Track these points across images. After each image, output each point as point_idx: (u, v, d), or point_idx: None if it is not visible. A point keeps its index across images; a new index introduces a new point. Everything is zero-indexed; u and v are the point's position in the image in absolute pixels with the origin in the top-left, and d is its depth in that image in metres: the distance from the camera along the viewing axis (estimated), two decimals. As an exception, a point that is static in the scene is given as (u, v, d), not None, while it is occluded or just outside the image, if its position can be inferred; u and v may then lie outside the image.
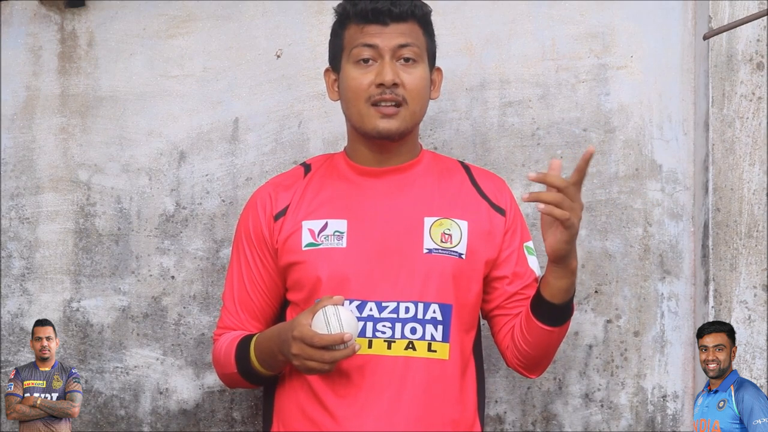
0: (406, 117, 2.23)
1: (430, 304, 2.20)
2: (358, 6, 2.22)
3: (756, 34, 2.90)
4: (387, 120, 2.22)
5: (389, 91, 2.20)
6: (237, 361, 2.26)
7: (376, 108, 2.21)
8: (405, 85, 2.21)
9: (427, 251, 2.23)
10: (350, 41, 2.24)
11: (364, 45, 2.21)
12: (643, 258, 2.96)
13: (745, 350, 2.91)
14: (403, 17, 2.21)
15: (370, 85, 2.21)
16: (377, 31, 2.21)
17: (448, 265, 2.23)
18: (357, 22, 2.22)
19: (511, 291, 2.31)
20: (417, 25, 2.24)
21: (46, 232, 3.04)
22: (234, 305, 2.35)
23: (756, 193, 2.90)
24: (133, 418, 3.01)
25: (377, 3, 2.20)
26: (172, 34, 3.05)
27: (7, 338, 3.06)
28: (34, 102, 3.07)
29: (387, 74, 2.19)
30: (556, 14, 2.99)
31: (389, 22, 2.21)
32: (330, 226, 2.25)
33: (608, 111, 2.98)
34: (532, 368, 2.33)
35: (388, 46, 2.21)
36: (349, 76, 2.23)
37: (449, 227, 2.26)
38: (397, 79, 2.20)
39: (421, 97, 2.25)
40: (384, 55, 2.21)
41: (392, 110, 2.21)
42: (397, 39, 2.21)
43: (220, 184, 3.01)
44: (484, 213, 2.30)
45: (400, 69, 2.22)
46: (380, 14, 2.20)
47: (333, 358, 2.06)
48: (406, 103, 2.22)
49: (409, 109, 2.23)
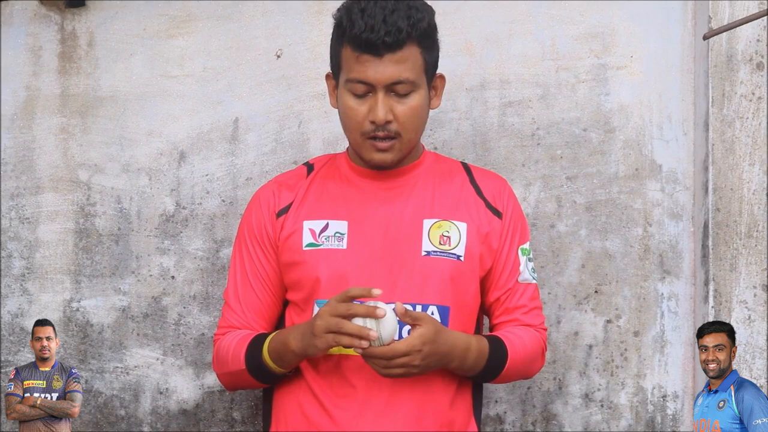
0: (401, 148, 2.23)
1: (428, 306, 2.20)
2: (353, 30, 2.14)
3: (756, 34, 2.90)
4: (382, 153, 2.22)
5: (382, 128, 2.19)
6: (247, 356, 2.24)
7: (371, 141, 2.21)
8: (398, 119, 2.19)
9: (425, 253, 2.23)
10: (346, 67, 2.19)
11: (358, 81, 2.17)
12: (643, 258, 2.96)
13: (745, 350, 2.91)
14: (399, 45, 2.15)
15: (365, 119, 2.19)
16: (371, 61, 2.15)
17: (447, 268, 2.23)
18: (352, 47, 2.17)
19: (495, 296, 2.32)
20: (415, 45, 2.17)
21: (46, 232, 3.04)
22: (239, 303, 2.33)
23: (756, 193, 2.90)
24: (133, 418, 3.01)
25: (371, 33, 2.12)
26: (172, 34, 3.05)
27: (7, 338, 3.06)
28: (34, 102, 3.07)
29: (379, 113, 2.16)
30: (556, 14, 2.99)
31: (384, 53, 2.15)
32: (331, 227, 2.25)
33: (608, 111, 2.98)
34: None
35: (381, 82, 2.16)
36: (345, 105, 2.22)
37: (448, 229, 2.26)
38: (390, 116, 2.17)
39: (415, 126, 2.23)
40: (377, 91, 2.17)
41: (386, 144, 2.21)
42: (390, 73, 2.15)
43: (220, 184, 3.01)
44: (482, 215, 2.30)
45: (394, 100, 2.18)
46: (373, 46, 2.14)
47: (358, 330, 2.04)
48: (400, 135, 2.21)
49: (404, 140, 2.22)
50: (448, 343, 2.14)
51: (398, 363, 2.07)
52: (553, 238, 2.95)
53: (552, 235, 2.95)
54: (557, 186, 2.96)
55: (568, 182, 2.96)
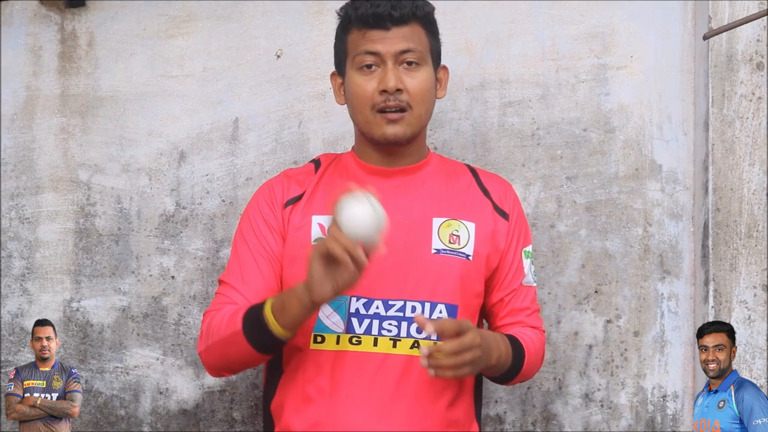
0: (411, 121, 2.24)
1: (437, 304, 2.20)
2: (359, 10, 2.22)
3: (756, 34, 2.90)
4: (393, 126, 2.22)
5: (393, 97, 2.20)
6: (246, 316, 2.13)
7: (381, 115, 2.22)
8: (408, 90, 2.21)
9: (435, 251, 2.23)
10: (353, 47, 2.24)
11: (367, 52, 2.21)
12: (643, 258, 2.96)
13: (745, 350, 2.91)
14: (405, 20, 2.21)
15: (374, 92, 2.21)
16: (379, 36, 2.21)
17: (456, 266, 2.23)
18: (359, 26, 2.22)
19: (499, 296, 2.32)
20: (419, 26, 2.24)
21: (46, 232, 3.04)
22: (241, 282, 2.21)
23: (756, 193, 2.90)
24: (133, 418, 3.01)
25: (378, 8, 2.20)
26: (172, 34, 3.05)
27: (7, 338, 3.06)
28: (34, 102, 3.07)
29: (390, 81, 2.20)
30: (556, 14, 2.99)
31: (390, 27, 2.21)
32: (340, 222, 2.24)
33: (608, 111, 2.98)
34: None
35: (390, 52, 2.21)
36: (353, 83, 2.24)
37: (457, 228, 2.26)
38: (400, 84, 2.20)
39: (426, 100, 2.25)
40: (386, 61, 2.21)
41: (397, 116, 2.22)
42: (399, 44, 2.21)
43: (220, 184, 3.01)
44: (489, 215, 2.31)
45: (403, 73, 2.21)
46: (381, 19, 2.20)
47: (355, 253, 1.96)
48: (411, 107, 2.22)
49: (414, 113, 2.23)
50: (485, 332, 2.14)
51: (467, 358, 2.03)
52: (553, 238, 2.95)
53: (552, 235, 2.95)
54: (557, 186, 2.96)
55: (568, 182, 2.96)
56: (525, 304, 2.33)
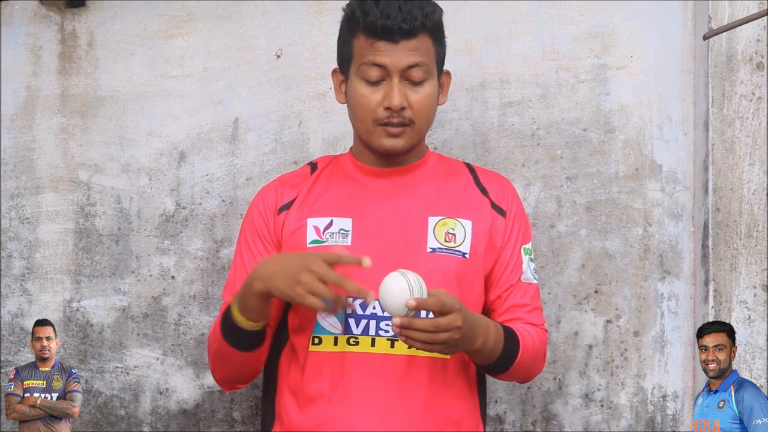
0: (412, 135, 2.24)
1: None
2: (369, 18, 2.18)
3: (756, 34, 2.90)
4: (393, 139, 2.22)
5: (396, 114, 2.20)
6: (222, 321, 2.18)
7: (383, 128, 2.22)
8: (412, 106, 2.21)
9: (430, 250, 2.23)
10: (359, 54, 2.22)
11: (373, 64, 2.20)
12: (643, 258, 2.96)
13: (745, 350, 2.91)
14: (414, 33, 2.19)
15: (378, 105, 2.20)
16: (386, 48, 2.19)
17: (452, 265, 2.23)
18: (366, 35, 2.20)
19: (497, 293, 2.32)
20: (428, 36, 2.21)
21: (46, 232, 3.04)
22: (233, 296, 2.29)
23: (756, 193, 2.90)
24: (133, 418, 3.00)
25: (387, 20, 2.17)
26: (172, 34, 3.05)
27: (7, 338, 3.06)
28: (34, 102, 3.07)
29: (394, 99, 2.18)
30: (556, 14, 2.99)
31: (399, 40, 2.18)
32: (335, 224, 2.25)
33: (608, 111, 2.98)
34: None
35: (397, 67, 2.19)
36: (357, 93, 2.23)
37: (453, 227, 2.26)
38: (405, 102, 2.20)
39: (428, 114, 2.25)
40: (392, 76, 2.19)
41: (398, 130, 2.21)
42: (406, 59, 2.19)
43: (220, 184, 3.01)
44: (486, 213, 2.30)
45: (407, 89, 2.20)
46: (390, 32, 2.18)
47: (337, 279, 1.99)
48: (413, 122, 2.22)
49: (416, 128, 2.23)
50: (472, 316, 2.14)
51: (440, 338, 2.03)
52: (553, 238, 2.95)
53: (552, 235, 2.95)
54: (557, 186, 2.96)
55: (568, 182, 2.96)
56: (524, 301, 2.33)
